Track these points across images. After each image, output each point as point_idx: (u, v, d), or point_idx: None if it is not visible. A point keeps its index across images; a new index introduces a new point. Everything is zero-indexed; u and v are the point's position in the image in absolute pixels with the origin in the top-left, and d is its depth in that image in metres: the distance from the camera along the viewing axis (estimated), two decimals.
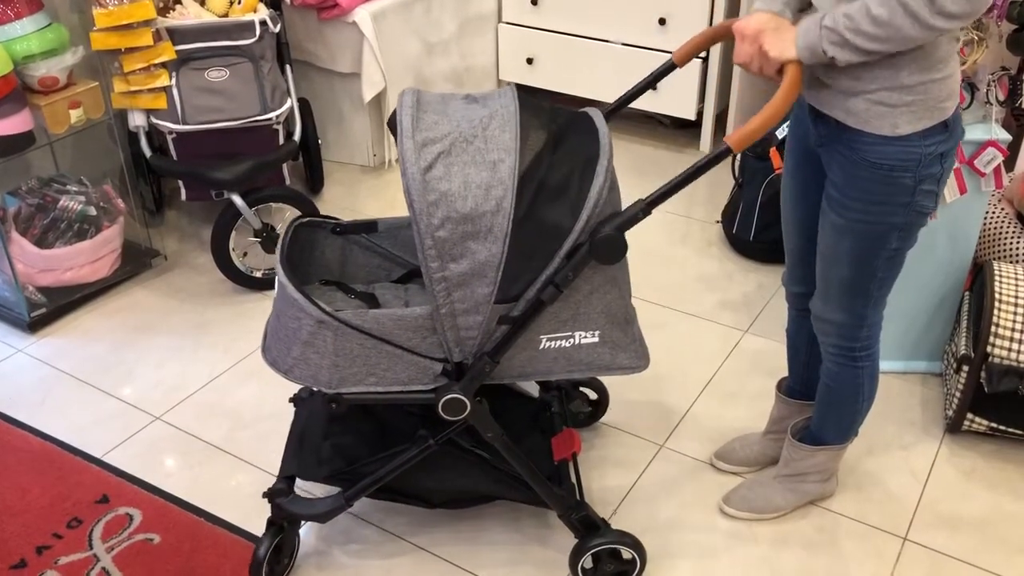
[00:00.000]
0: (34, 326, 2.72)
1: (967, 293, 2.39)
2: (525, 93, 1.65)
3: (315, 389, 1.85)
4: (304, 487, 2.07)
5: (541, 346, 1.66)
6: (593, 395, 2.29)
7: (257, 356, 2.61)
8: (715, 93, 3.57)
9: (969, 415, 2.21)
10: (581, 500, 1.88)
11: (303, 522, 1.93)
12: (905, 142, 1.55)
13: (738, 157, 3.07)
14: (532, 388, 2.10)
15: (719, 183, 3.31)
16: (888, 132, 1.55)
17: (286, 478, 1.89)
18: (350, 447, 1.91)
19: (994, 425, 2.21)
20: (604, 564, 1.86)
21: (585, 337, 1.67)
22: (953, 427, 2.27)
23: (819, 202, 1.74)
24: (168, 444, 2.31)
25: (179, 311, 2.82)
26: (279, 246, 1.76)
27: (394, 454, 1.81)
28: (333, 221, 1.92)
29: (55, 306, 2.76)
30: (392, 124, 1.56)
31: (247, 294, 2.89)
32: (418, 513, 2.05)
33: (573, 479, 1.93)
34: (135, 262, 2.97)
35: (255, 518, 2.06)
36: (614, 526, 1.88)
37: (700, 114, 3.64)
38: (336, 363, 1.63)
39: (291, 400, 2.07)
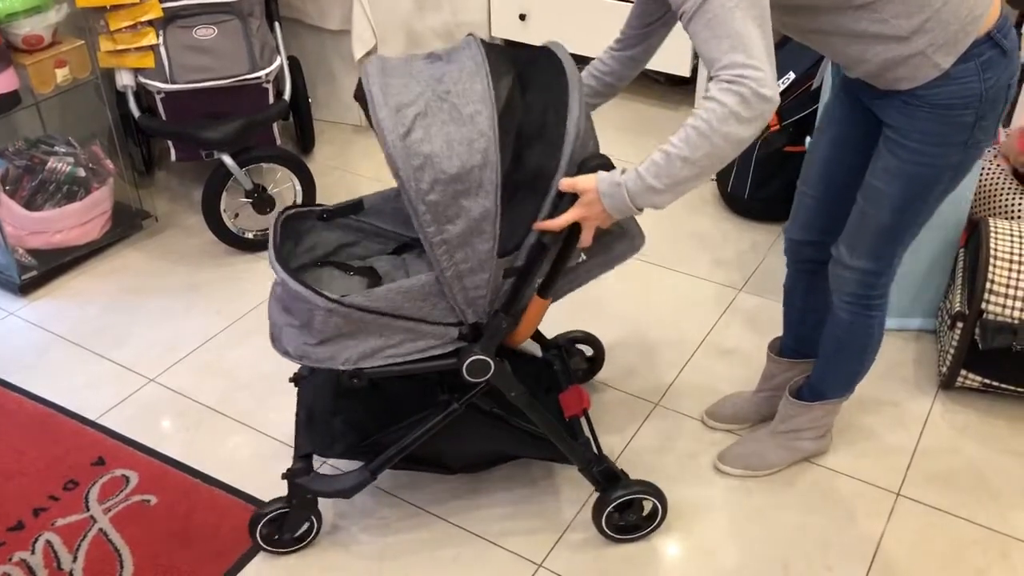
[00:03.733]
0: (25, 289, 2.71)
1: (962, 250, 2.38)
2: (486, 41, 1.62)
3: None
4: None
5: (580, 259, 1.68)
6: (589, 351, 2.29)
7: (251, 317, 2.60)
8: None
9: (963, 371, 2.22)
10: (600, 453, 1.90)
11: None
12: (961, 80, 1.53)
13: None
14: (534, 348, 2.10)
15: None
16: (935, 73, 1.53)
17: (302, 457, 1.87)
18: (362, 421, 1.90)
19: (987, 381, 2.21)
20: (628, 514, 1.89)
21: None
22: (947, 383, 2.28)
23: (854, 152, 1.73)
24: (163, 406, 2.31)
25: (171, 273, 2.81)
26: (270, 242, 1.73)
27: (416, 422, 1.79)
28: (319, 208, 1.89)
29: (46, 269, 2.75)
30: (359, 96, 1.54)
31: (239, 255, 2.87)
32: (416, 476, 2.06)
33: (587, 434, 1.95)
34: (125, 224, 2.94)
35: (251, 479, 2.07)
36: None
37: (695, 71, 3.61)
38: (352, 344, 1.63)
39: (291, 380, 2.04)
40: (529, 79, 1.57)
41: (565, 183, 1.52)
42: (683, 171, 1.44)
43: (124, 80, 2.69)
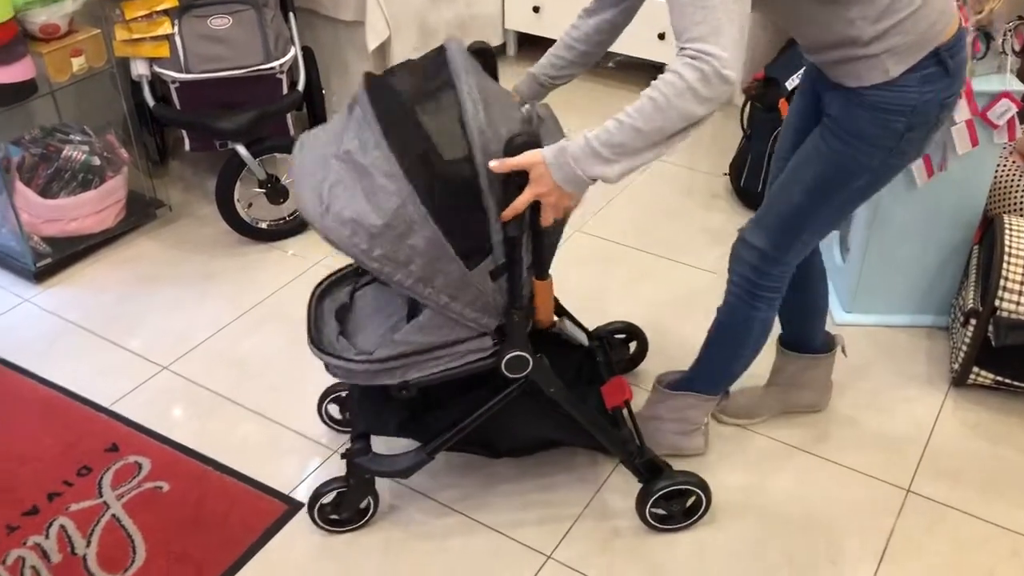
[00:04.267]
0: (40, 276, 2.72)
1: (976, 247, 2.38)
2: (375, 75, 1.61)
3: None
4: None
5: None
6: (633, 343, 2.31)
7: (264, 307, 2.61)
8: None
9: (975, 368, 2.22)
10: (642, 445, 1.91)
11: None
12: (902, 88, 1.56)
13: (746, 108, 3.04)
14: (580, 336, 2.09)
15: (725, 135, 3.28)
16: (882, 78, 1.56)
17: (360, 436, 1.90)
18: (412, 400, 1.90)
19: (1000, 379, 2.21)
20: (672, 504, 1.91)
21: None
22: (959, 380, 2.27)
23: None
24: (176, 394, 2.32)
25: (185, 262, 2.82)
26: (307, 326, 1.79)
27: (472, 404, 1.81)
28: (352, 269, 1.92)
29: (60, 256, 2.76)
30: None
31: (252, 245, 2.88)
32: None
33: (629, 425, 1.95)
34: (139, 213, 2.96)
35: (262, 467, 2.08)
36: (617, 479, 1.89)
37: None
38: (394, 370, 1.69)
39: None
40: (425, 91, 1.56)
41: (509, 163, 1.47)
42: (634, 142, 1.42)
43: (139, 69, 2.70)
